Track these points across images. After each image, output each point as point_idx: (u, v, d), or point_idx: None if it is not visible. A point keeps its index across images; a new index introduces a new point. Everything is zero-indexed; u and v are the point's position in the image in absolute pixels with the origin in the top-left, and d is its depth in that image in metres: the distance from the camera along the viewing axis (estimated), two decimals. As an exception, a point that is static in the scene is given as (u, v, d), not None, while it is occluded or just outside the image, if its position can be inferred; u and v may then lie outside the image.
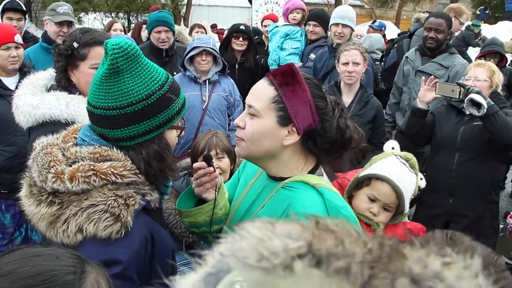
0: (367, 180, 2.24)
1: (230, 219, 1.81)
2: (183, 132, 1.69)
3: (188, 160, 2.86)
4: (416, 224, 2.48)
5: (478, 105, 3.24)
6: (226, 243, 0.52)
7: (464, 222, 3.49)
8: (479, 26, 6.87)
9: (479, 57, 5.39)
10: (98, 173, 1.43)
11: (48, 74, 2.44)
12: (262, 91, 1.57)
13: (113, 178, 1.44)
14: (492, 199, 3.63)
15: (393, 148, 2.43)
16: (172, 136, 1.59)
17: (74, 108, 2.24)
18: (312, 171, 1.65)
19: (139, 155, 1.50)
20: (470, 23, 6.76)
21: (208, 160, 1.74)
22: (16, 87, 2.54)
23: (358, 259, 0.46)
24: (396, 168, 2.21)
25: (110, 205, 1.40)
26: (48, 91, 2.34)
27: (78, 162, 1.46)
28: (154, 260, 1.54)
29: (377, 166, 2.24)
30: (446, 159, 3.59)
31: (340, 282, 0.45)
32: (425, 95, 3.61)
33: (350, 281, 0.45)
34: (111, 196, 1.42)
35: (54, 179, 1.42)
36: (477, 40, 7.27)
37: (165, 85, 1.52)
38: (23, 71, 3.47)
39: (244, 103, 4.73)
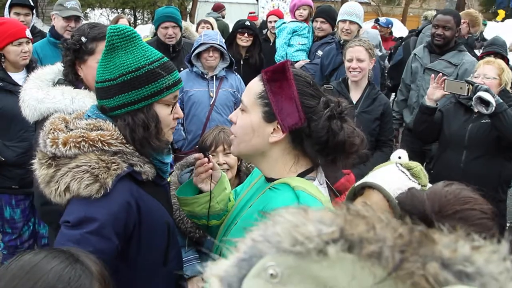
0: (360, 189, 2.13)
1: (228, 217, 1.82)
2: (179, 111, 1.80)
3: (195, 155, 2.86)
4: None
5: (486, 103, 3.22)
6: (258, 230, 0.54)
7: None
8: (486, 24, 6.77)
9: (480, 58, 5.35)
10: (87, 140, 1.60)
11: (56, 69, 2.44)
12: (252, 87, 1.58)
13: (100, 145, 1.60)
14: (500, 197, 3.60)
15: (399, 158, 2.26)
16: (163, 112, 1.71)
17: (79, 102, 2.24)
18: (305, 173, 1.59)
19: (125, 122, 1.65)
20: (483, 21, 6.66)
21: (204, 151, 1.82)
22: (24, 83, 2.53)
23: (389, 244, 0.47)
24: (391, 176, 2.09)
25: (91, 166, 1.56)
26: (55, 85, 2.34)
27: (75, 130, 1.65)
28: (142, 227, 1.68)
29: (373, 174, 2.15)
30: (453, 157, 3.57)
31: (372, 266, 0.47)
32: (434, 92, 3.59)
33: (382, 264, 0.46)
34: (93, 159, 1.58)
35: (51, 144, 1.60)
36: (477, 41, 7.17)
37: (156, 62, 1.67)
38: (30, 67, 3.46)
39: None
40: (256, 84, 1.56)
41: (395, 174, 2.07)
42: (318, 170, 1.63)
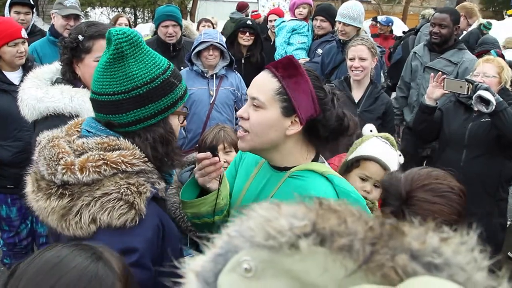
0: (356, 162, 2.37)
1: (235, 209, 1.83)
2: (185, 121, 1.71)
3: (195, 154, 2.86)
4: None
5: (486, 102, 3.21)
6: (234, 225, 0.55)
7: (472, 219, 3.45)
8: (490, 28, 6.71)
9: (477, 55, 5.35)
10: (108, 162, 1.42)
11: (54, 68, 2.44)
12: (266, 83, 1.61)
13: (123, 167, 1.44)
14: (500, 195, 3.59)
15: (371, 131, 2.57)
16: (175, 122, 1.61)
17: (78, 101, 2.24)
18: (314, 160, 1.71)
19: (146, 140, 1.51)
20: (484, 21, 6.58)
21: (214, 150, 1.77)
22: (21, 82, 2.53)
23: (360, 237, 0.49)
24: (380, 147, 2.38)
25: (124, 193, 1.40)
26: (53, 84, 2.34)
27: (87, 152, 1.46)
28: (164, 248, 1.53)
29: (362, 148, 2.39)
30: (453, 156, 3.56)
31: (343, 259, 0.48)
32: (433, 91, 3.58)
33: (353, 257, 0.47)
34: (124, 185, 1.42)
35: (64, 171, 1.40)
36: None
37: (167, 70, 1.56)
38: (26, 66, 3.45)
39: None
40: (270, 81, 1.60)
41: (382, 146, 2.38)
42: (320, 154, 1.76)
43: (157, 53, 1.60)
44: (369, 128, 2.60)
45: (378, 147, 2.39)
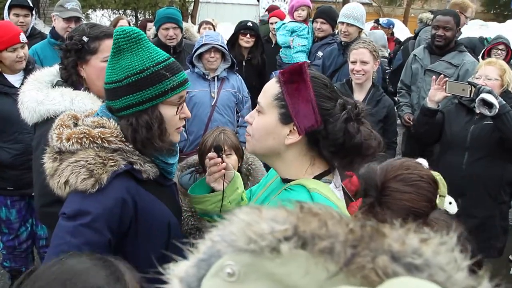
0: None
1: None
2: (187, 112, 1.81)
3: (195, 157, 2.85)
4: None
5: (489, 105, 3.20)
6: (217, 230, 0.55)
7: (474, 222, 3.44)
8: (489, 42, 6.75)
9: (487, 51, 5.34)
10: (88, 136, 1.66)
11: (54, 70, 2.43)
12: (269, 88, 1.58)
13: (100, 142, 1.66)
14: (502, 199, 3.58)
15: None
16: (169, 112, 1.74)
17: (79, 104, 2.23)
18: (321, 175, 1.59)
19: (128, 123, 1.69)
20: (488, 37, 6.56)
21: (218, 151, 1.85)
22: (22, 84, 2.51)
23: (341, 239, 0.49)
24: None
25: (88, 162, 1.62)
26: (54, 87, 2.33)
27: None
28: (138, 224, 1.72)
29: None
30: (455, 159, 3.55)
31: (325, 262, 0.48)
32: (435, 94, 3.57)
33: (334, 260, 0.48)
34: (91, 155, 1.64)
35: (56, 139, 1.68)
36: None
37: (161, 63, 1.69)
38: (27, 68, 3.44)
39: (252, 100, 4.73)
40: (273, 86, 1.56)
41: None
42: (334, 173, 1.63)
43: (158, 49, 1.74)
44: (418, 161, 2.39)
45: None
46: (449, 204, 2.20)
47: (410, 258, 0.47)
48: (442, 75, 3.68)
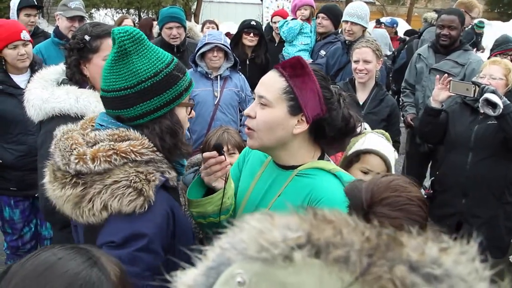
0: (356, 156, 2.42)
1: (242, 210, 1.85)
2: (193, 112, 1.76)
3: (199, 156, 2.86)
4: None
5: (493, 105, 3.18)
6: (226, 237, 0.53)
7: (477, 222, 3.43)
8: (483, 27, 6.62)
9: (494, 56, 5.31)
10: (118, 152, 1.49)
11: (60, 69, 2.44)
12: (273, 83, 1.64)
13: (133, 156, 1.51)
14: (506, 199, 3.56)
15: (365, 129, 2.56)
16: (182, 114, 1.67)
17: (84, 102, 2.24)
18: (321, 158, 1.75)
19: (153, 131, 1.57)
20: (476, 21, 6.51)
21: (219, 149, 1.80)
22: (27, 85, 2.52)
23: (357, 248, 0.47)
24: (378, 141, 2.45)
25: (133, 181, 1.47)
26: (59, 85, 2.34)
27: (98, 143, 1.53)
28: (176, 236, 1.60)
29: (360, 143, 2.43)
30: (459, 158, 3.53)
31: (340, 271, 0.46)
32: (439, 94, 3.55)
33: (349, 269, 0.46)
34: (133, 173, 1.49)
35: (77, 161, 1.48)
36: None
37: (171, 64, 1.61)
38: (33, 69, 3.41)
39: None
40: (278, 80, 1.64)
41: (380, 140, 2.47)
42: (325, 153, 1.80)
43: (160, 49, 1.65)
44: (363, 126, 2.66)
45: (375, 141, 2.45)
46: (394, 151, 2.53)
47: (429, 268, 0.46)
48: (446, 75, 3.67)
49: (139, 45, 1.56)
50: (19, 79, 3.46)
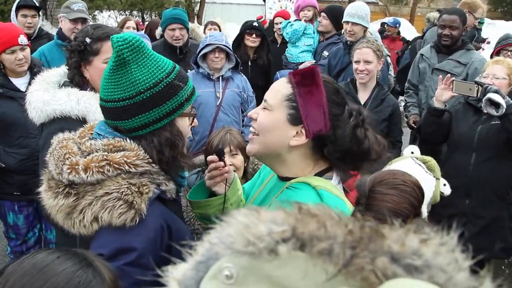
0: None
1: None
2: (195, 121, 1.69)
3: (201, 157, 2.87)
4: None
5: (496, 105, 3.17)
6: (215, 232, 0.55)
7: (481, 223, 3.42)
8: (483, 23, 6.61)
9: (496, 52, 5.29)
10: (111, 163, 1.45)
11: (61, 71, 2.45)
12: (279, 88, 1.57)
13: (127, 168, 1.46)
14: (510, 199, 3.54)
15: (412, 153, 2.42)
16: (184, 124, 1.60)
17: (85, 104, 2.25)
18: (321, 173, 1.60)
19: (151, 143, 1.51)
20: (487, 29, 6.50)
21: (220, 155, 1.78)
22: (27, 88, 2.52)
23: (340, 240, 0.49)
24: (409, 168, 2.17)
25: (124, 193, 1.42)
26: (61, 87, 2.35)
27: (93, 153, 1.49)
28: (172, 250, 1.51)
29: (392, 167, 2.24)
30: (462, 159, 3.52)
31: (324, 263, 0.48)
32: (442, 94, 3.55)
33: (333, 261, 0.47)
34: (124, 184, 1.44)
35: (69, 171, 1.44)
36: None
37: (172, 73, 1.54)
38: (33, 71, 3.42)
39: (257, 99, 4.71)
40: (284, 86, 1.56)
41: (413, 167, 2.22)
42: (334, 171, 1.64)
43: (161, 56, 1.59)
44: (410, 150, 2.46)
45: (407, 168, 2.18)
46: (443, 185, 2.35)
47: (410, 259, 0.47)
48: (448, 75, 3.65)
49: (139, 54, 1.50)
50: (19, 82, 3.45)
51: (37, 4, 4.85)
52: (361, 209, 1.66)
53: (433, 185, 2.23)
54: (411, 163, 2.26)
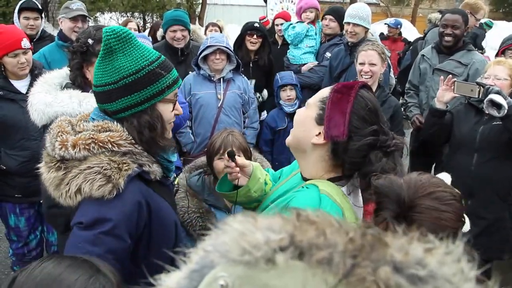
0: None
1: (264, 200, 1.96)
2: (179, 108, 1.83)
3: (203, 158, 2.87)
4: None
5: (498, 106, 3.16)
6: (210, 239, 0.53)
7: (483, 224, 3.41)
8: (492, 26, 6.58)
9: (501, 52, 5.28)
10: (96, 141, 1.61)
11: (63, 73, 2.46)
12: (322, 92, 1.70)
13: (110, 146, 1.62)
14: (512, 200, 3.54)
15: None
16: (166, 110, 1.75)
17: (87, 106, 2.26)
18: (336, 179, 1.67)
19: (132, 124, 1.67)
20: (486, 20, 6.47)
21: (231, 156, 1.95)
22: (27, 90, 2.53)
23: (340, 249, 0.47)
24: None
25: (103, 167, 1.58)
26: (63, 89, 2.35)
27: (83, 132, 1.66)
28: (152, 227, 1.70)
29: None
30: (464, 159, 3.51)
31: (323, 273, 0.46)
32: (444, 95, 3.54)
33: (333, 271, 0.45)
34: (105, 161, 1.60)
35: (59, 146, 1.62)
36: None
37: (155, 62, 1.69)
38: (33, 73, 3.41)
39: (257, 101, 4.71)
40: (325, 90, 1.69)
41: None
42: (349, 181, 1.71)
43: (148, 48, 1.73)
44: (441, 178, 2.38)
45: None
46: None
47: (413, 269, 0.45)
48: (450, 76, 3.65)
49: (125, 44, 1.65)
50: (19, 84, 3.45)
51: (39, 7, 4.86)
52: (394, 217, 1.55)
53: None
54: None
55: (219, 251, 0.50)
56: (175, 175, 2.71)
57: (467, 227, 2.22)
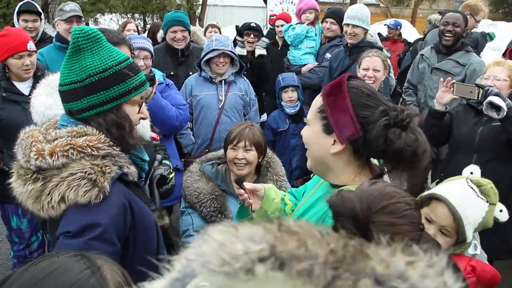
0: (427, 200, 2.15)
1: (292, 215, 1.94)
2: (145, 111, 1.83)
3: (214, 153, 3.06)
4: (485, 265, 2.20)
5: (497, 108, 3.17)
6: (193, 248, 0.52)
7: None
8: (493, 39, 6.57)
9: (508, 52, 5.26)
10: (75, 147, 1.58)
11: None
12: (315, 102, 1.65)
13: (89, 151, 1.59)
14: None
15: (471, 173, 2.29)
16: (132, 111, 1.73)
17: None
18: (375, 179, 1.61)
19: (98, 124, 1.64)
20: (490, 32, 6.45)
21: (239, 183, 2.05)
22: (30, 92, 2.53)
23: (321, 260, 0.46)
24: (459, 190, 2.10)
25: (87, 172, 1.55)
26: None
27: (57, 140, 1.62)
28: (136, 229, 1.69)
29: (441, 186, 2.16)
30: (464, 160, 3.50)
31: (303, 284, 0.45)
32: (443, 96, 3.54)
33: (313, 283, 0.45)
34: (88, 165, 1.57)
35: (36, 157, 1.57)
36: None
37: (123, 63, 1.67)
38: (36, 75, 3.44)
39: (258, 102, 4.70)
40: (318, 100, 1.64)
41: (464, 190, 2.11)
42: (383, 179, 1.61)
43: (117, 49, 1.72)
44: (470, 170, 2.33)
45: (457, 189, 2.10)
46: (499, 211, 2.21)
47: (395, 283, 0.44)
48: (449, 77, 3.66)
49: (94, 43, 1.63)
50: (22, 86, 3.47)
51: (39, 9, 4.87)
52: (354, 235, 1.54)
53: (484, 210, 2.12)
54: (463, 185, 2.14)
55: (199, 261, 0.50)
56: (173, 173, 2.77)
57: (505, 216, 2.22)
